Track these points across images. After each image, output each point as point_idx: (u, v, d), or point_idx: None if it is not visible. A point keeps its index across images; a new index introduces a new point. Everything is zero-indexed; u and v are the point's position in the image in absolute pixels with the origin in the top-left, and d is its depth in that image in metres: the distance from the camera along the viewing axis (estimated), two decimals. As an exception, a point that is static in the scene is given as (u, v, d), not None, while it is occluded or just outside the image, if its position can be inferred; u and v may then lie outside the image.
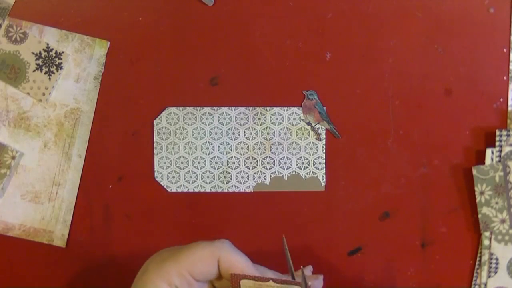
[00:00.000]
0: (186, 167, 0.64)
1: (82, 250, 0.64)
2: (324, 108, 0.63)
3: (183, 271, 0.49)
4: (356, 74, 0.63)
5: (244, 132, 0.64)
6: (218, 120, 0.64)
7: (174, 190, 0.64)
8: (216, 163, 0.64)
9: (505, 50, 0.62)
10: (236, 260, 0.49)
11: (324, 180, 0.64)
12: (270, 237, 0.64)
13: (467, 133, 0.63)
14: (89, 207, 0.64)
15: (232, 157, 0.64)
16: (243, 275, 0.49)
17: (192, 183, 0.64)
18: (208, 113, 0.64)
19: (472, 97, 0.63)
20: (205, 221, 0.64)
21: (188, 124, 0.64)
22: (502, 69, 0.63)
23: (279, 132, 0.64)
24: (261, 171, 0.64)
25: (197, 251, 0.49)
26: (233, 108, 0.64)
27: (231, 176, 0.64)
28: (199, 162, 0.64)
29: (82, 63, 0.63)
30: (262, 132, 0.64)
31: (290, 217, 0.64)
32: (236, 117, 0.64)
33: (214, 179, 0.64)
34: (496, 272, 0.62)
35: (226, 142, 0.64)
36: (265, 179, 0.64)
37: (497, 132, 0.62)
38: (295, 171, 0.64)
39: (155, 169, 0.64)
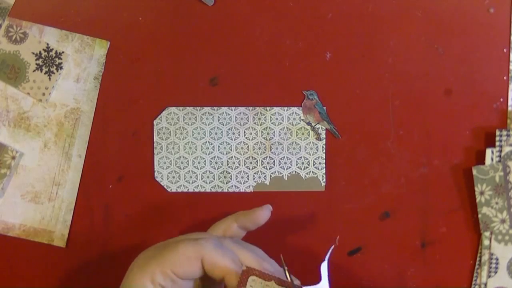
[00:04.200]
0: (186, 167, 0.64)
1: (82, 250, 0.64)
2: (324, 108, 0.63)
3: (166, 270, 0.49)
4: (356, 74, 0.63)
5: (244, 132, 0.64)
6: (218, 120, 0.64)
7: (174, 190, 0.64)
8: (216, 163, 0.64)
9: (505, 50, 0.62)
10: (219, 261, 0.49)
11: (324, 180, 0.64)
12: (270, 237, 0.64)
13: (467, 133, 0.63)
14: (89, 207, 0.64)
15: (232, 157, 0.64)
16: (252, 269, 0.49)
17: (192, 183, 0.64)
18: (208, 113, 0.64)
19: (472, 97, 0.63)
20: (205, 221, 0.64)
21: (188, 124, 0.64)
22: (502, 69, 0.63)
23: (279, 132, 0.64)
24: (261, 171, 0.64)
25: (180, 250, 0.49)
26: (233, 108, 0.64)
27: (231, 176, 0.64)
28: (199, 162, 0.64)
29: (82, 63, 0.63)
30: (262, 132, 0.64)
31: (290, 217, 0.64)
32: (236, 117, 0.64)
33: (214, 179, 0.64)
34: (496, 272, 0.62)
35: (226, 142, 0.64)
36: (265, 179, 0.64)
37: (497, 132, 0.62)
38: (295, 171, 0.64)
39: (155, 169, 0.64)
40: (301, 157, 0.64)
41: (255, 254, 0.51)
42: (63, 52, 0.63)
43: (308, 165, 0.64)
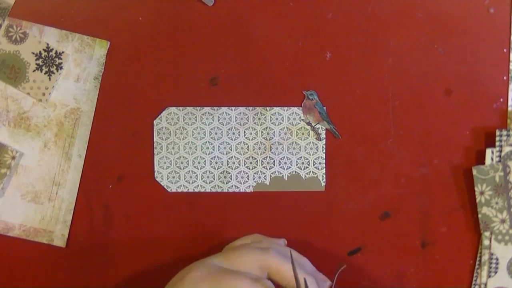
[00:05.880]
0: (186, 167, 0.64)
1: (82, 250, 0.64)
2: (324, 108, 0.63)
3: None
4: (356, 74, 0.63)
5: (244, 132, 0.64)
6: (218, 120, 0.64)
7: (174, 190, 0.64)
8: (216, 163, 0.64)
9: (505, 50, 0.62)
10: (285, 270, 0.50)
11: (324, 180, 0.64)
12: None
13: (467, 133, 0.63)
14: (89, 207, 0.64)
15: (232, 157, 0.64)
16: None
17: (192, 183, 0.64)
18: (208, 113, 0.64)
19: (472, 97, 0.63)
20: (205, 221, 0.64)
21: (188, 124, 0.64)
22: (502, 69, 0.63)
23: (279, 132, 0.64)
24: (261, 171, 0.64)
25: (247, 259, 0.50)
26: (233, 108, 0.64)
27: (231, 176, 0.64)
28: (199, 162, 0.64)
29: (82, 63, 0.63)
30: (262, 132, 0.64)
31: (290, 217, 0.64)
32: (236, 117, 0.64)
33: (214, 179, 0.64)
34: (496, 272, 0.62)
35: (226, 142, 0.64)
36: (265, 179, 0.64)
37: (497, 132, 0.62)
38: (295, 171, 0.64)
39: (155, 169, 0.64)
40: (301, 157, 0.64)
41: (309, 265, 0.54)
42: (63, 52, 0.63)
43: (308, 165, 0.64)
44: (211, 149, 0.64)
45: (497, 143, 0.62)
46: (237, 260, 0.49)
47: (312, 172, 0.64)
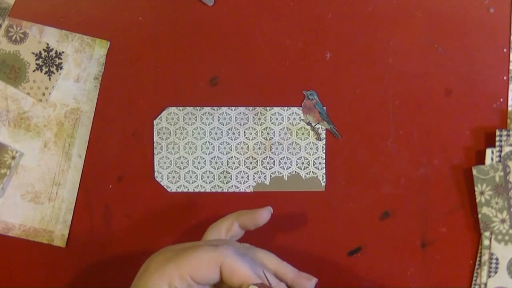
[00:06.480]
0: (186, 167, 0.64)
1: (82, 250, 0.64)
2: (324, 108, 0.63)
3: (184, 274, 0.48)
4: (356, 74, 0.63)
5: (244, 132, 0.64)
6: (218, 120, 0.64)
7: (174, 190, 0.64)
8: (216, 163, 0.64)
9: (505, 50, 0.62)
10: (238, 268, 0.49)
11: (324, 180, 0.64)
12: (270, 237, 0.64)
13: (467, 133, 0.63)
14: (89, 207, 0.64)
15: (232, 157, 0.64)
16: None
17: (192, 183, 0.64)
18: (208, 113, 0.64)
19: (472, 97, 0.63)
20: (205, 221, 0.64)
21: (188, 124, 0.64)
22: (502, 69, 0.63)
23: (279, 132, 0.64)
24: (261, 171, 0.64)
25: (200, 255, 0.49)
26: (233, 108, 0.64)
27: (231, 176, 0.64)
28: (199, 162, 0.64)
29: (82, 63, 0.63)
30: (262, 132, 0.64)
31: (290, 217, 0.64)
32: (236, 117, 0.64)
33: (214, 179, 0.64)
34: (496, 272, 0.62)
35: (226, 142, 0.64)
36: (265, 179, 0.64)
37: (497, 132, 0.62)
38: (295, 171, 0.64)
39: (155, 169, 0.64)
40: (301, 157, 0.64)
41: (276, 257, 0.53)
42: (63, 52, 0.63)
43: (308, 165, 0.64)
44: (211, 149, 0.64)
45: (497, 143, 0.62)
46: (192, 257, 0.49)
47: (312, 172, 0.64)
